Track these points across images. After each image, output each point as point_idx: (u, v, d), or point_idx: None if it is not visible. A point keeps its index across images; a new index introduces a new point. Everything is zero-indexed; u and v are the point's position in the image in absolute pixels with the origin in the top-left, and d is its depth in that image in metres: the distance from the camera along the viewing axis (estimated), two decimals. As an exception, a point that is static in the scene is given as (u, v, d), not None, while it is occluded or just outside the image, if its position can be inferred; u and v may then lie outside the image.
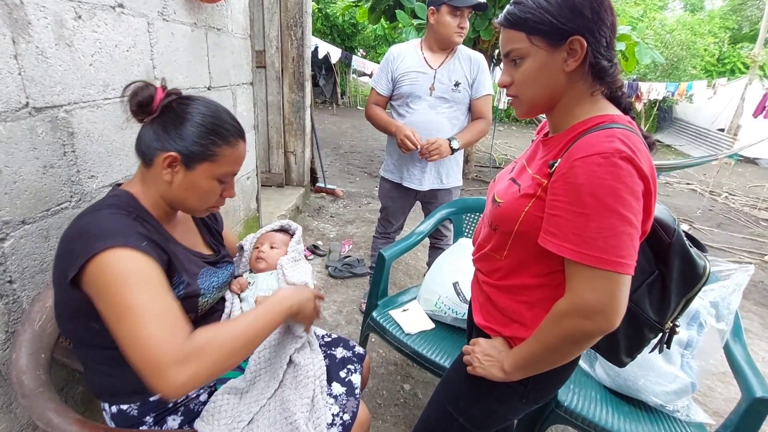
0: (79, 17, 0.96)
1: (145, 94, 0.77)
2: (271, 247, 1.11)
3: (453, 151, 1.81)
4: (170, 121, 0.78)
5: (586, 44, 0.66)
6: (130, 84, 0.78)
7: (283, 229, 1.20)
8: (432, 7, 1.73)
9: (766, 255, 3.99)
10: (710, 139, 10.48)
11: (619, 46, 3.99)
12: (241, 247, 1.15)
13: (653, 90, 8.27)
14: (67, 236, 0.72)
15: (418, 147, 1.76)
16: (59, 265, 0.72)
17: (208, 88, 1.59)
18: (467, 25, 1.72)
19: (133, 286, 0.65)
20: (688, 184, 6.77)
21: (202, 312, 0.88)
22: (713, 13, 14.36)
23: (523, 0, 0.69)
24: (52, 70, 0.89)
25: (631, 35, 4.09)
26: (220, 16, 1.61)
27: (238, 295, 1.01)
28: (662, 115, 12.63)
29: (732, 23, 13.67)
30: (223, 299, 0.99)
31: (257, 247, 1.13)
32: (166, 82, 0.83)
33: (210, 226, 1.04)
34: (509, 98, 0.79)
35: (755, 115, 7.95)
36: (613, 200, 0.61)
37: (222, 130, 0.80)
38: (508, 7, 0.71)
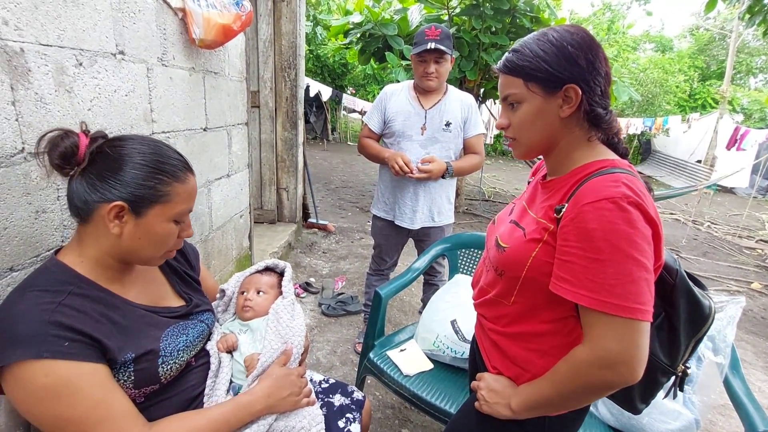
0: (80, 64, 0.97)
1: (68, 143, 0.69)
2: (258, 292, 1.00)
3: (444, 177, 1.84)
4: (106, 168, 0.70)
5: (580, 92, 0.68)
6: (45, 134, 0.69)
7: (268, 269, 1.08)
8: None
9: (752, 283, 4.05)
10: (689, 170, 10.90)
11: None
12: (223, 291, 1.04)
13: (631, 125, 8.66)
14: None
15: (413, 173, 1.79)
16: None
17: (204, 129, 1.60)
18: (433, 69, 1.77)
19: (65, 399, 0.61)
20: (672, 214, 6.94)
21: (167, 379, 0.77)
22: (682, 53, 15.27)
23: (520, 48, 0.71)
24: (50, 115, 0.90)
25: (608, 75, 4.32)
26: (218, 60, 1.66)
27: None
28: (642, 147, 13.16)
29: (700, 62, 14.54)
30: (206, 352, 0.89)
31: (242, 293, 1.01)
32: (87, 126, 0.75)
33: (180, 272, 0.94)
34: (506, 139, 0.81)
35: (728, 147, 8.33)
36: (627, 245, 0.60)
37: (168, 167, 0.73)
38: (506, 54, 0.74)
